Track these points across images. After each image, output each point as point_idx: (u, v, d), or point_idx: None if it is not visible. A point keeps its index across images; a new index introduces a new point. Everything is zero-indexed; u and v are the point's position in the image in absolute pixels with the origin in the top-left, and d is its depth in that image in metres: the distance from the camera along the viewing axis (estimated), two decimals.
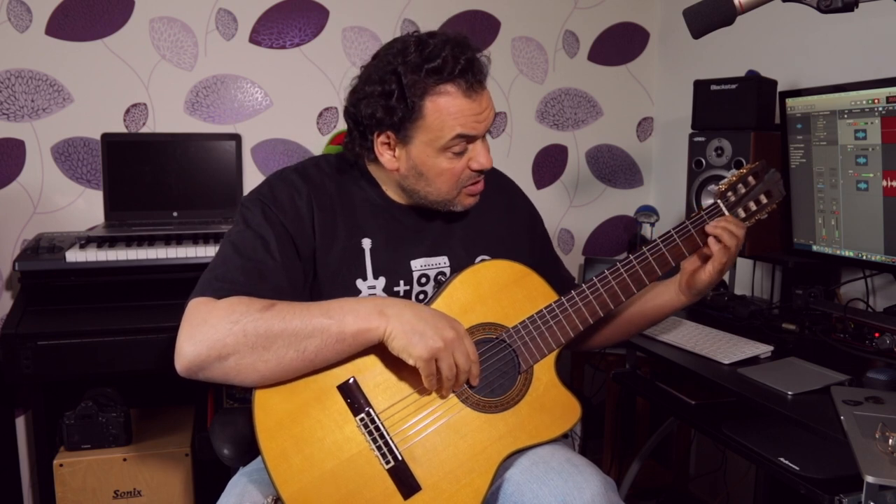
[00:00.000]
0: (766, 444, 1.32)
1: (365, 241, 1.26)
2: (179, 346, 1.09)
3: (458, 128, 1.18)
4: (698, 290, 1.33)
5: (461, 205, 1.27)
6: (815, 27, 2.01)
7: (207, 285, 1.14)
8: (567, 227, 2.73)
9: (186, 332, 1.09)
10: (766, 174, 1.33)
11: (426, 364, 1.08)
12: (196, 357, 1.07)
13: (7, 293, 2.22)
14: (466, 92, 1.17)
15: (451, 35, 1.20)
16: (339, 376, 1.13)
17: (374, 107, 1.18)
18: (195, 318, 1.10)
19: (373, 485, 1.10)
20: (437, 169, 1.22)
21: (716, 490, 2.45)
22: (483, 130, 1.22)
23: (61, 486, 1.89)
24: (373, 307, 1.10)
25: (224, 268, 1.16)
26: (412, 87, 1.15)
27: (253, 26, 2.34)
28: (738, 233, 1.27)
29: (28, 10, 2.15)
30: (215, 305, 1.10)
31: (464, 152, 1.22)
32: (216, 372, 1.08)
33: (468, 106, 1.17)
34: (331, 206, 1.26)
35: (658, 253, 1.28)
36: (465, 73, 1.16)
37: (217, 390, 2.11)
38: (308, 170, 1.29)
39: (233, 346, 1.06)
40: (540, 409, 1.21)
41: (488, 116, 1.22)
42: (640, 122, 2.77)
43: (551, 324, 1.23)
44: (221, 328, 1.07)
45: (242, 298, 1.11)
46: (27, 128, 2.19)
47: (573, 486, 1.10)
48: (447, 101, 1.16)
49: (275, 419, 1.09)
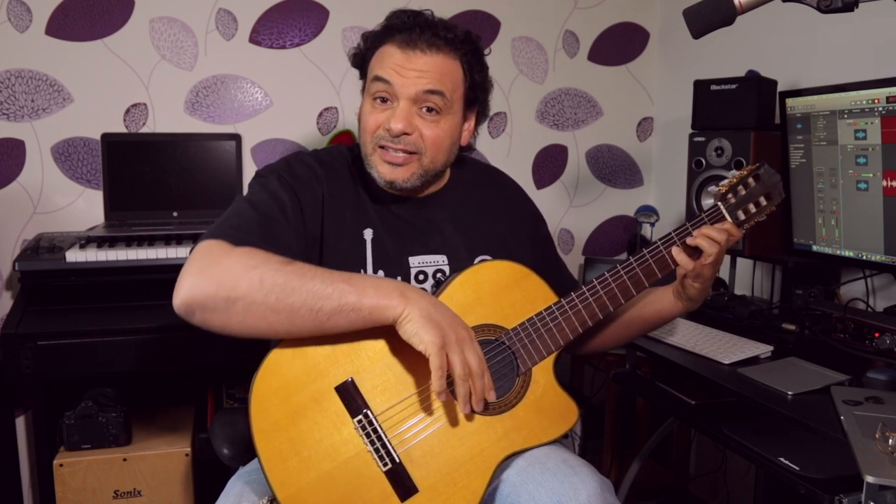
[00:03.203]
0: (766, 444, 1.32)
1: (367, 232, 1.27)
2: (183, 280, 1.05)
3: (378, 69, 1.24)
4: (690, 297, 1.33)
5: (377, 171, 1.25)
6: (815, 27, 2.01)
7: (221, 231, 1.12)
8: (567, 227, 2.73)
9: (195, 267, 1.06)
10: (766, 176, 1.33)
11: (437, 352, 1.05)
12: (201, 293, 1.04)
13: (7, 293, 2.22)
14: (401, 44, 1.23)
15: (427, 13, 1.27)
16: (337, 377, 1.12)
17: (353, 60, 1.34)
18: (208, 256, 1.07)
19: (370, 487, 1.10)
20: (363, 112, 1.28)
21: (716, 490, 2.45)
22: (402, 83, 1.22)
23: (61, 486, 1.89)
24: (395, 287, 1.09)
25: (240, 219, 1.15)
26: (371, 39, 1.28)
27: (253, 26, 2.34)
28: (718, 238, 1.24)
29: (28, 10, 2.15)
30: (232, 249, 1.07)
31: (388, 106, 1.24)
32: (218, 315, 1.05)
33: (398, 55, 1.23)
34: (342, 192, 1.28)
35: (658, 255, 1.28)
36: (410, 30, 1.23)
37: (217, 390, 2.11)
38: (323, 155, 1.33)
39: (245, 290, 1.03)
40: (537, 412, 1.21)
41: (417, 77, 1.21)
42: (640, 122, 2.77)
43: (550, 326, 1.23)
44: (237, 270, 1.04)
45: (260, 250, 1.08)
46: (27, 128, 2.19)
47: (569, 486, 1.09)
48: (384, 50, 1.25)
49: (271, 420, 1.09)
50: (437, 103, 1.23)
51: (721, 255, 1.26)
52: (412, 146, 1.23)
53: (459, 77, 1.27)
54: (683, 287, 1.31)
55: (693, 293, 1.31)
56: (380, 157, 1.25)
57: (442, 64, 1.23)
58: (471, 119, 1.34)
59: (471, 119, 1.34)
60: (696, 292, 1.31)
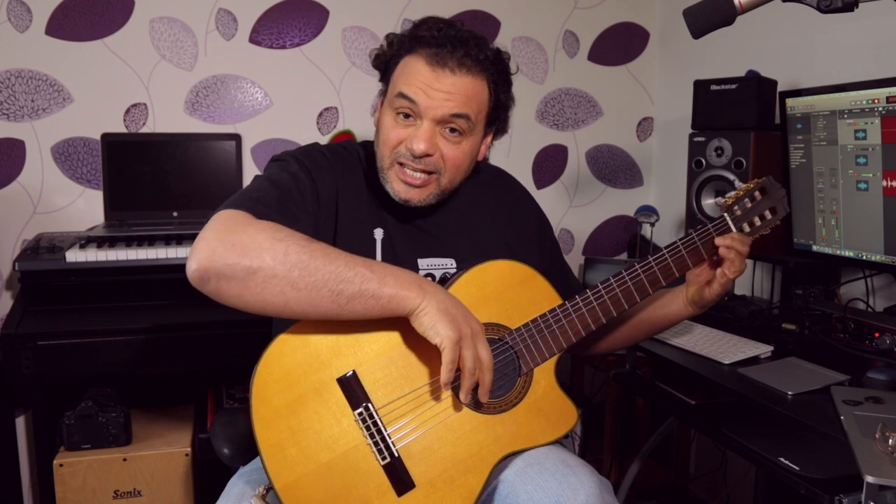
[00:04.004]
0: (766, 444, 1.32)
1: (377, 232, 1.27)
2: (200, 245, 1.01)
3: (403, 86, 1.19)
4: (704, 304, 1.35)
5: (392, 187, 1.22)
6: (815, 27, 2.01)
7: (242, 202, 1.09)
8: (567, 227, 2.73)
9: (215, 232, 1.02)
10: (772, 190, 1.34)
11: (452, 346, 1.05)
12: (220, 260, 1.00)
13: (7, 293, 2.22)
14: (429, 60, 1.18)
15: (458, 25, 1.23)
16: (340, 369, 1.12)
17: (375, 61, 1.28)
18: (230, 223, 1.04)
19: (367, 480, 1.10)
20: (383, 124, 1.23)
21: (716, 490, 2.45)
22: (429, 105, 1.17)
23: (61, 486, 1.89)
24: (414, 278, 1.09)
25: (259, 193, 1.13)
26: (397, 45, 1.23)
27: (253, 26, 2.34)
28: (744, 250, 1.29)
29: (28, 10, 2.15)
30: (255, 220, 1.05)
31: (410, 122, 1.20)
32: (233, 286, 1.01)
33: (425, 73, 1.18)
34: (355, 188, 1.27)
35: (663, 264, 1.28)
36: (441, 46, 1.18)
37: (217, 390, 2.11)
38: (338, 149, 1.30)
39: (269, 262, 1.00)
40: (537, 413, 1.21)
41: (444, 99, 1.17)
42: (640, 122, 2.77)
43: (554, 327, 1.23)
44: (262, 240, 1.01)
45: (282, 226, 1.07)
46: (27, 128, 2.19)
47: (567, 487, 1.09)
48: (410, 61, 1.21)
49: (272, 409, 1.08)
50: (462, 126, 1.20)
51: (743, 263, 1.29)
52: (432, 166, 1.21)
53: (485, 98, 1.23)
54: (700, 293, 1.34)
55: (709, 299, 1.33)
56: (396, 175, 1.22)
57: (470, 86, 1.19)
58: (489, 135, 1.31)
59: (489, 135, 1.31)
60: (711, 298, 1.33)
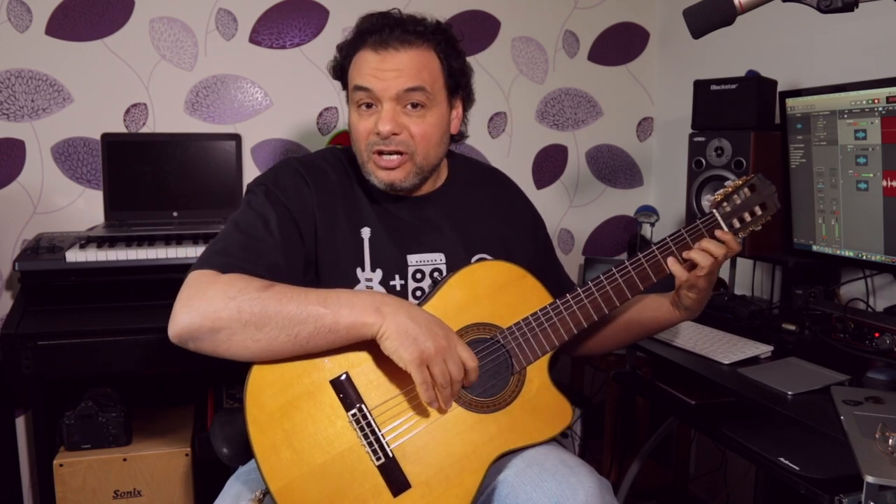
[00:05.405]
0: (766, 444, 1.32)
1: (364, 231, 1.28)
2: (175, 312, 1.11)
3: (357, 79, 1.25)
4: (685, 307, 1.34)
5: (376, 177, 1.27)
6: (815, 27, 2.01)
7: (207, 259, 1.16)
8: (567, 227, 2.73)
9: (184, 300, 1.11)
10: (762, 186, 1.34)
11: (417, 368, 1.07)
12: (190, 325, 1.09)
13: (7, 293, 2.22)
14: (374, 46, 1.24)
15: (395, 10, 1.29)
16: (333, 371, 1.13)
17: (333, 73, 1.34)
18: (194, 288, 1.12)
19: (362, 481, 1.10)
20: (351, 123, 1.28)
21: (716, 490, 2.45)
22: (382, 87, 1.22)
23: (61, 486, 1.89)
24: (370, 303, 1.10)
25: (224, 242, 1.19)
26: (345, 48, 1.30)
27: (253, 26, 2.34)
28: (716, 251, 1.25)
29: (28, 10, 2.15)
30: (216, 279, 1.12)
31: (373, 111, 1.24)
32: (206, 343, 1.10)
33: (372, 59, 1.23)
34: (332, 193, 1.29)
35: (653, 260, 1.28)
36: (380, 31, 1.23)
37: (217, 390, 2.11)
38: (313, 159, 1.34)
39: (226, 321, 1.07)
40: (531, 411, 1.21)
41: (395, 77, 1.22)
42: (640, 122, 2.77)
43: (545, 326, 1.23)
44: (218, 301, 1.08)
45: (243, 276, 1.12)
46: (27, 128, 2.19)
47: (567, 487, 1.09)
48: (359, 57, 1.26)
49: (266, 412, 1.09)
50: (420, 99, 1.24)
51: (717, 267, 1.26)
52: (403, 146, 1.24)
53: (437, 67, 1.27)
54: (679, 297, 1.32)
55: (689, 303, 1.32)
56: (375, 164, 1.26)
57: (417, 58, 1.24)
58: (457, 106, 1.34)
59: (457, 106, 1.34)
60: (691, 302, 1.32)
